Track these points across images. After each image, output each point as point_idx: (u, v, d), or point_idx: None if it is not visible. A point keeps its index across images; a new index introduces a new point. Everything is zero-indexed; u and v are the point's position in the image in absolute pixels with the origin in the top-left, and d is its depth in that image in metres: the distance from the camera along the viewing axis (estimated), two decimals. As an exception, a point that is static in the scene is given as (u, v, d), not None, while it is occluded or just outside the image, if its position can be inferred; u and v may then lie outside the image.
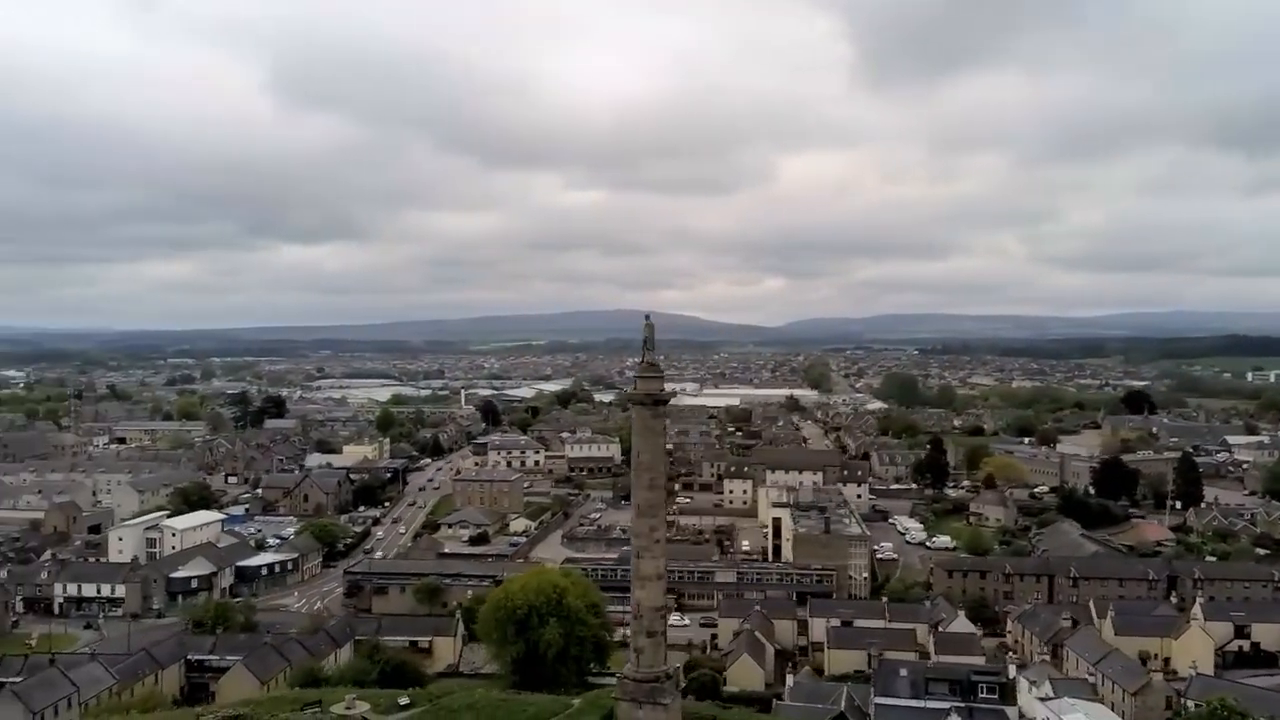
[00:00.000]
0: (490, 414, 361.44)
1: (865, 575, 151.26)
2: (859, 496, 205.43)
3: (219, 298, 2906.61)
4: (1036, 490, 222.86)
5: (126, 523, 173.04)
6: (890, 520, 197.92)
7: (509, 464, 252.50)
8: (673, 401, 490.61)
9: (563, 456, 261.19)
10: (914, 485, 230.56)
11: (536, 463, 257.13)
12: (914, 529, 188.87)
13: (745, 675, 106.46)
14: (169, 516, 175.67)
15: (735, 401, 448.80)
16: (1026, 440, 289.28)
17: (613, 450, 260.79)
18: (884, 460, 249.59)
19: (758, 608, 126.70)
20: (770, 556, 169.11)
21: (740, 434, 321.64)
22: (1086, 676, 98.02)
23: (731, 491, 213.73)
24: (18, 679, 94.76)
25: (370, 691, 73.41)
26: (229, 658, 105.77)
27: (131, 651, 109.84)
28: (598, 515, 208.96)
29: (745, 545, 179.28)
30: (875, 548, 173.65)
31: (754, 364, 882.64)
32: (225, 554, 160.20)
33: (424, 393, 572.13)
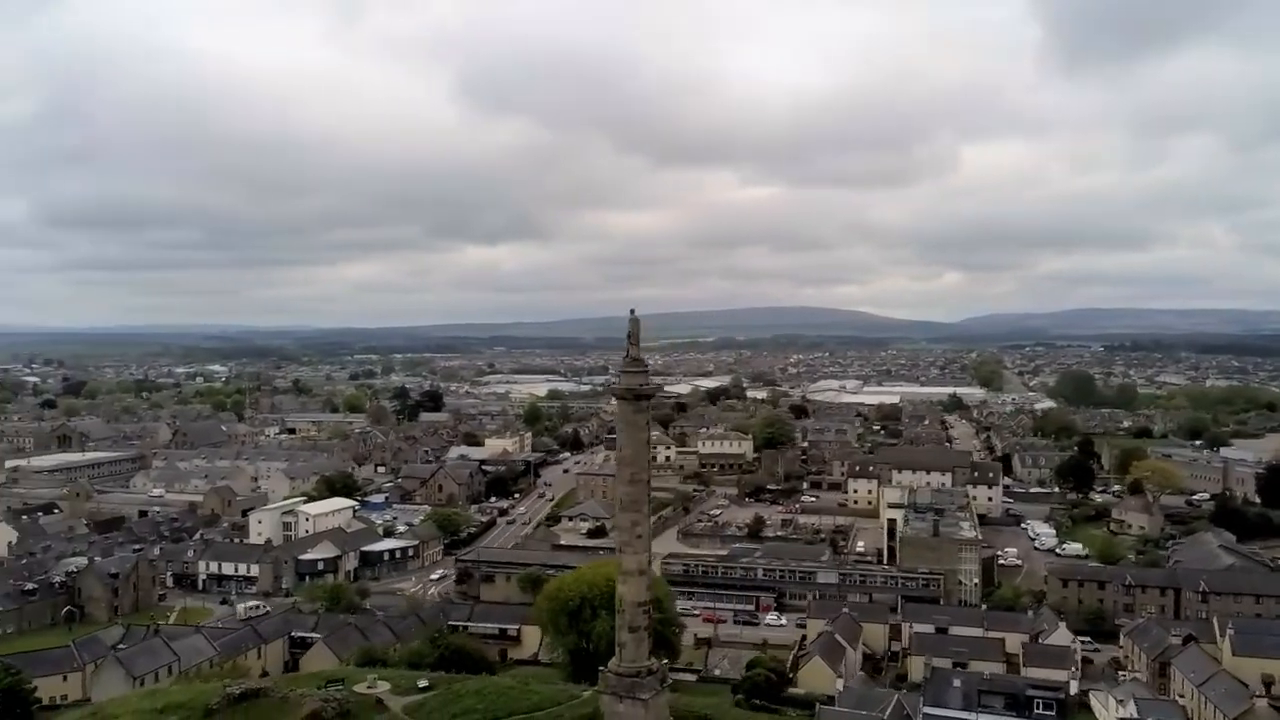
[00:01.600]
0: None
1: (976, 581, 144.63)
2: (990, 500, 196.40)
3: (407, 297, 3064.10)
4: (1195, 497, 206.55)
5: (266, 507, 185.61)
6: (1023, 525, 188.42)
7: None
8: (820, 398, 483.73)
9: (695, 452, 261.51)
10: (1056, 489, 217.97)
11: (667, 458, 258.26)
12: (1046, 535, 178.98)
13: (816, 678, 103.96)
14: (306, 502, 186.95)
15: (894, 399, 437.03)
16: (1195, 443, 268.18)
17: (745, 447, 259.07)
18: (1026, 462, 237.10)
19: (845, 610, 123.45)
20: (885, 559, 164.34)
21: (883, 432, 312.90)
22: (1177, 698, 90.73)
23: (856, 491, 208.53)
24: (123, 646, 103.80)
25: (396, 672, 76.32)
26: (319, 635, 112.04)
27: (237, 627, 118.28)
28: (718, 512, 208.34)
29: (860, 546, 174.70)
30: (998, 553, 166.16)
31: (923, 361, 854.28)
32: (351, 539, 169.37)
33: (584, 388, 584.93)
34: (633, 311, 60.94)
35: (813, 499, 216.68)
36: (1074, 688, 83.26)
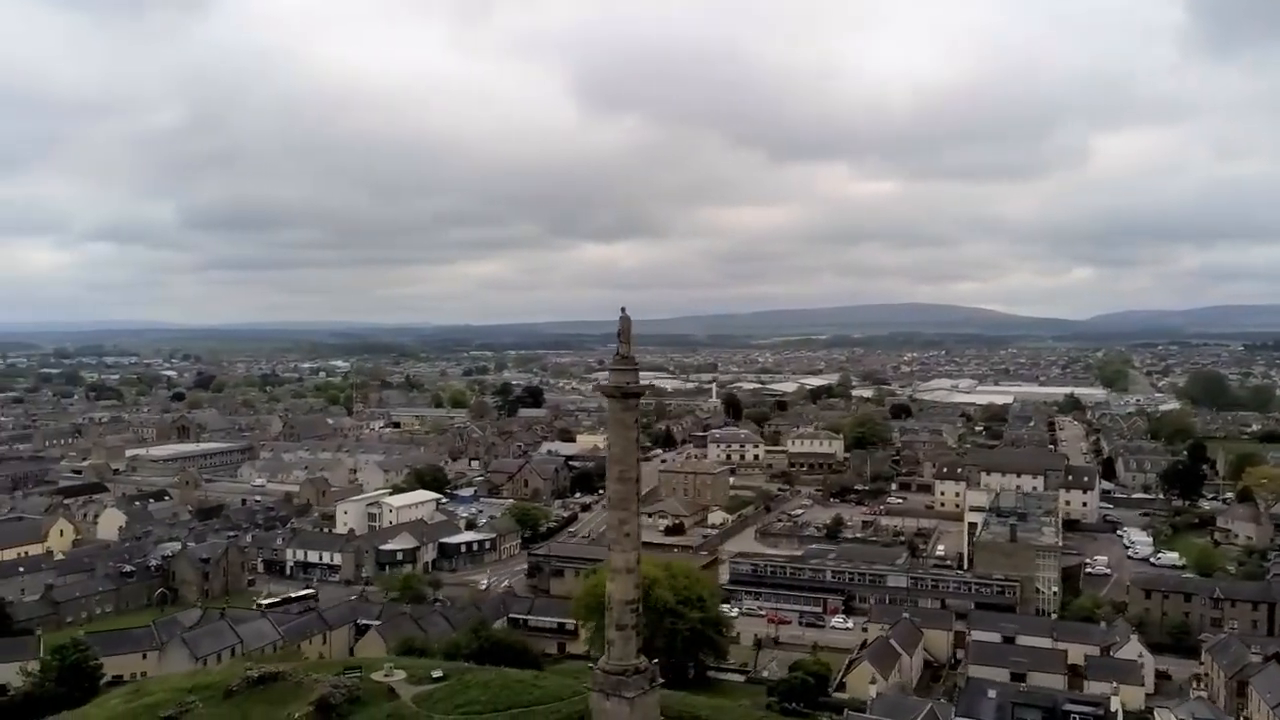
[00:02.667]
0: (732, 407, 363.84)
1: (1055, 589, 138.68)
2: (1085, 505, 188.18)
3: (525, 294, 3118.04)
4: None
5: (352, 498, 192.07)
6: (1119, 532, 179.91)
7: (728, 456, 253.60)
8: (928, 398, 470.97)
9: (784, 451, 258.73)
10: (1160, 495, 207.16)
11: (756, 456, 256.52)
12: (1142, 543, 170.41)
13: (863, 683, 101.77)
14: (392, 494, 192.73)
15: (1006, 399, 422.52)
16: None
17: (835, 447, 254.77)
18: (1130, 466, 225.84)
19: (906, 615, 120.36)
20: (966, 564, 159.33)
21: (984, 433, 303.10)
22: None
23: (943, 493, 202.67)
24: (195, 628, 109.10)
25: (417, 662, 78.02)
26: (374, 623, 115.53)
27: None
28: (800, 512, 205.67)
29: (941, 550, 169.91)
30: (1086, 561, 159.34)
31: (1044, 360, 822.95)
32: (431, 531, 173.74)
33: (689, 385, 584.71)
34: (623, 310, 60.71)
35: (899, 501, 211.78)
36: (1115, 704, 78.76)
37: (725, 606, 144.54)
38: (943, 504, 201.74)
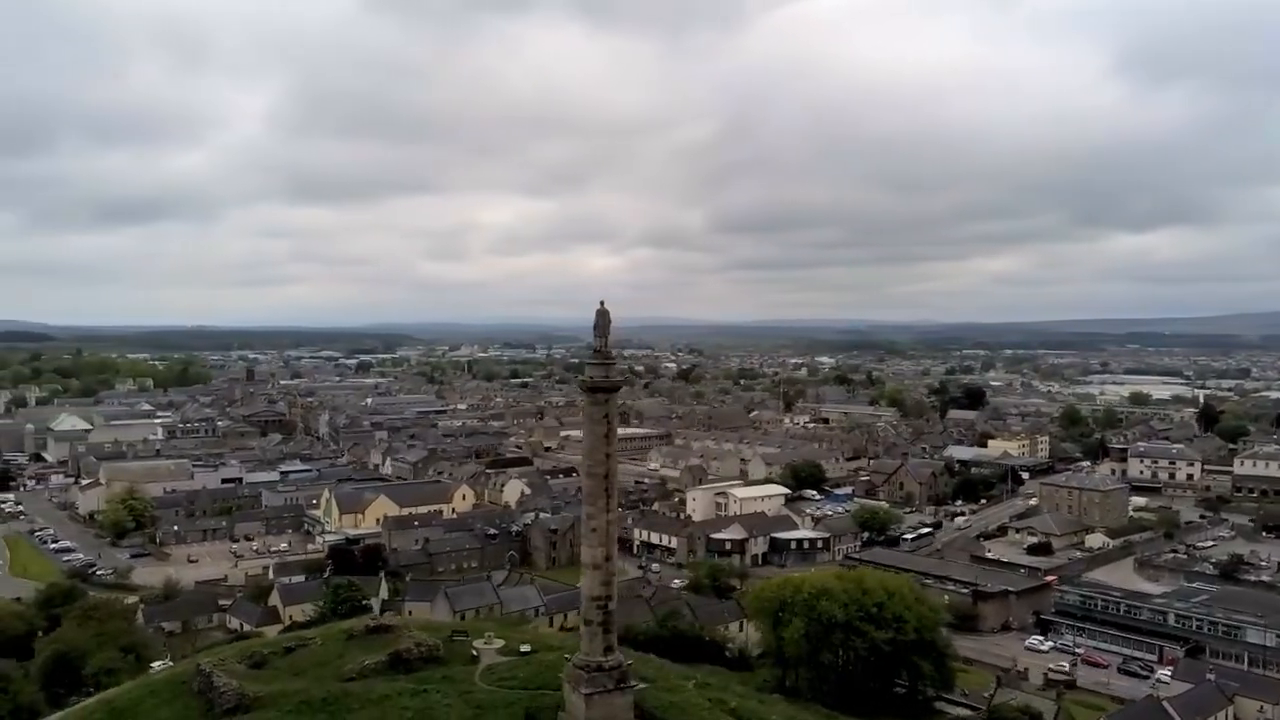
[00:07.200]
0: (1207, 418, 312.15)
1: None
2: None
3: (1039, 290, 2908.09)
4: None
5: (700, 486, 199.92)
6: None
7: (1153, 474, 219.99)
8: None
9: (1228, 472, 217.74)
10: None
11: (1189, 476, 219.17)
12: None
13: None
14: (741, 486, 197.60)
15: None
16: None
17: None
18: None
19: (1211, 676, 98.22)
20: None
21: None
22: None
23: None
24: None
25: (521, 633, 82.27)
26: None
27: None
28: (1212, 544, 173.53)
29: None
30: None
31: None
32: (764, 524, 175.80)
33: (1201, 393, 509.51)
34: (601, 304, 59.48)
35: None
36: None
37: (1037, 639, 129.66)
38: None
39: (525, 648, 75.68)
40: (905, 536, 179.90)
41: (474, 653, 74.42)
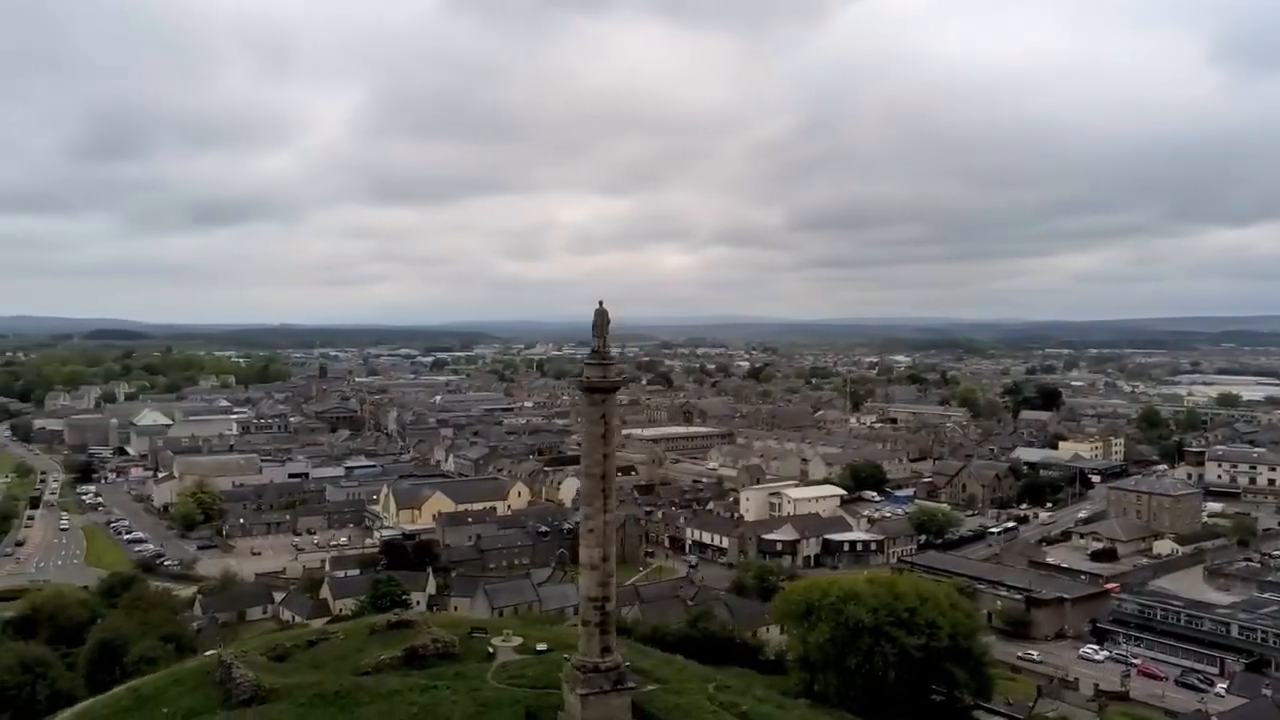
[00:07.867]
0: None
1: None
2: None
3: (1130, 287, 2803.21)
4: None
5: (754, 486, 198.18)
6: None
7: (1232, 479, 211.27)
8: None
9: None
10: None
11: (1270, 481, 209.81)
12: None
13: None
14: (797, 486, 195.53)
15: None
16: None
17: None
18: None
19: (1267, 692, 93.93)
20: None
21: None
22: None
23: None
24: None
25: (538, 631, 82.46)
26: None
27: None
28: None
29: None
30: None
31: None
32: (817, 525, 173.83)
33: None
34: (600, 303, 59.34)
35: None
36: None
37: (1092, 648, 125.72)
38: None
39: (541, 646, 76.05)
40: (991, 530, 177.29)
41: (490, 650, 75.20)
